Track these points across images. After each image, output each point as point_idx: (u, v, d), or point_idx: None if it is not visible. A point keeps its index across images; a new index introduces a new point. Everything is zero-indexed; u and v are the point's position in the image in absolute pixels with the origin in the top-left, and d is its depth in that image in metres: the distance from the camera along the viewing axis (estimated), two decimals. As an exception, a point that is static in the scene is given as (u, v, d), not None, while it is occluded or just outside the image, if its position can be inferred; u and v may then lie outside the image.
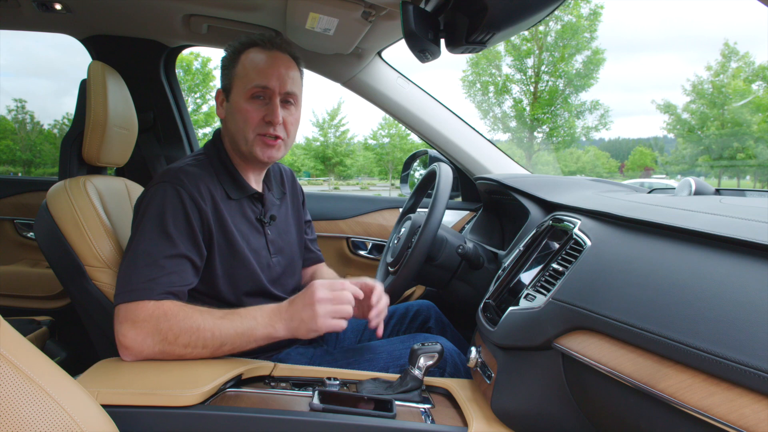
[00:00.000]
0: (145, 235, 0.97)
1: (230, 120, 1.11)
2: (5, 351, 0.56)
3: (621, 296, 0.62)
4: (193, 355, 0.91)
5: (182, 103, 2.01)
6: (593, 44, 19.65)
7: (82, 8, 1.61)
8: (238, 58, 1.09)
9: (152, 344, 0.89)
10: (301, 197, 1.37)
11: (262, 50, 1.09)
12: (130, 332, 0.89)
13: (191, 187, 1.02)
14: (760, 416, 0.44)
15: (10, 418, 0.53)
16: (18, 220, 2.06)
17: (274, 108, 1.06)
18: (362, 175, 27.49)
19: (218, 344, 0.91)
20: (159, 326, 0.89)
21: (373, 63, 1.74)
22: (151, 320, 0.90)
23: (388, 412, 0.82)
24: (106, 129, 1.17)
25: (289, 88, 1.08)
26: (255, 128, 1.07)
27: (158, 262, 0.95)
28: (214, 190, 1.07)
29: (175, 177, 1.03)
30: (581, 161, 24.89)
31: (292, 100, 1.11)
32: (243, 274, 1.10)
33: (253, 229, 1.14)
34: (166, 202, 1.00)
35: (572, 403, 0.69)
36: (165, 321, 0.90)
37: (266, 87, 1.06)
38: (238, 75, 1.09)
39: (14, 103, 21.23)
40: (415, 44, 0.93)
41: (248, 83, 1.06)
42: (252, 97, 1.07)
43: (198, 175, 1.05)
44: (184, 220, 1.00)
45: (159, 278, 0.94)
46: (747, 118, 18.24)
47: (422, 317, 1.36)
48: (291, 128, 1.11)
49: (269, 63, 1.07)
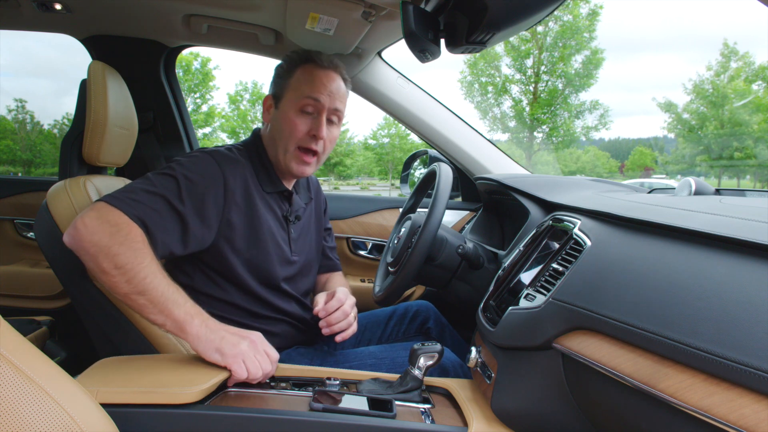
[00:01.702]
0: (165, 172, 1.02)
1: (275, 127, 1.16)
2: (5, 351, 0.56)
3: (621, 296, 0.62)
4: (114, 282, 0.87)
5: (182, 103, 2.01)
6: (592, 44, 19.67)
7: (82, 8, 1.61)
8: (294, 70, 1.15)
9: (96, 243, 0.86)
10: (324, 206, 1.41)
11: (318, 67, 1.15)
12: (92, 222, 0.88)
13: (227, 165, 1.07)
14: (760, 416, 0.44)
15: (10, 418, 0.53)
16: (18, 220, 2.06)
17: (320, 123, 1.13)
18: (362, 175, 27.49)
19: (139, 290, 0.87)
20: (114, 236, 0.87)
21: (373, 63, 1.74)
22: (113, 227, 0.88)
23: (388, 412, 0.82)
24: (106, 129, 1.17)
25: (338, 104, 1.15)
26: (298, 141, 1.13)
27: (155, 197, 0.97)
28: (249, 177, 1.12)
29: (214, 152, 1.09)
30: (581, 161, 24.90)
31: (336, 119, 1.17)
32: (261, 263, 1.12)
33: (278, 224, 1.18)
34: (199, 166, 1.04)
35: (572, 403, 0.69)
36: (121, 237, 0.88)
37: (317, 100, 1.12)
38: (291, 86, 1.15)
39: (14, 103, 21.26)
40: (415, 44, 0.93)
41: (301, 95, 1.12)
42: (301, 110, 1.13)
43: (236, 158, 1.11)
44: (203, 189, 1.02)
45: (146, 206, 0.94)
46: (746, 119, 18.24)
47: (421, 318, 1.37)
48: (329, 145, 1.18)
49: (323, 79, 1.14)
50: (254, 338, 0.91)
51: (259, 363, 0.88)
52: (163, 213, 0.97)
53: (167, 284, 0.89)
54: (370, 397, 0.87)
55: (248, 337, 0.90)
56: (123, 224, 0.89)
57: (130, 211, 0.91)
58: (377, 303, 1.24)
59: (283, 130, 1.13)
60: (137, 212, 0.92)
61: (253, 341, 0.90)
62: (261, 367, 0.87)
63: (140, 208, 0.93)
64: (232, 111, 23.43)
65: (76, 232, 0.88)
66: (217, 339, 0.87)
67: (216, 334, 0.88)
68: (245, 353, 0.87)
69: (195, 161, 1.05)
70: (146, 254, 0.89)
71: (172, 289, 0.89)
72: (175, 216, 0.98)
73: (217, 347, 0.86)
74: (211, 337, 0.87)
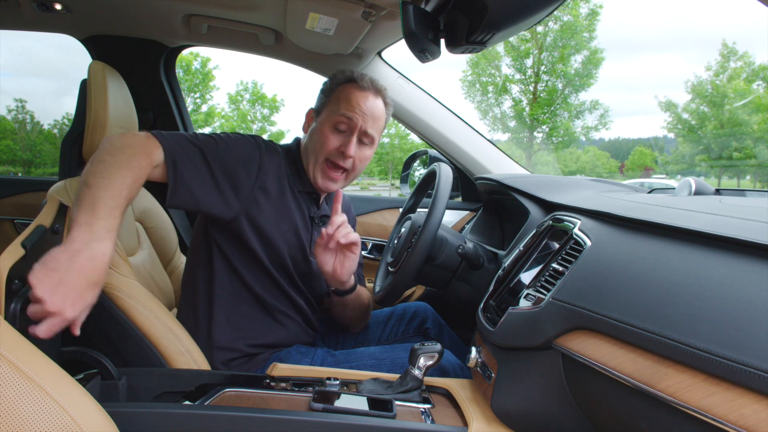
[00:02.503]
0: (208, 134, 1.09)
1: (311, 139, 1.21)
2: (5, 351, 0.56)
3: (621, 296, 0.62)
4: (90, 163, 0.91)
5: (182, 103, 2.01)
6: (592, 44, 19.67)
7: (82, 8, 1.61)
8: (336, 89, 1.20)
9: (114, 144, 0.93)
10: (353, 223, 1.42)
11: (358, 88, 1.18)
12: (133, 138, 0.97)
13: (266, 150, 1.14)
14: (760, 416, 0.44)
15: (10, 418, 0.53)
16: (18, 220, 2.06)
17: (350, 141, 1.16)
18: (362, 175, 27.45)
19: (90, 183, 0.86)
20: (136, 148, 0.95)
21: (373, 63, 1.74)
22: (142, 147, 0.96)
23: (388, 412, 0.82)
24: (107, 129, 1.17)
25: (368, 128, 1.18)
26: (327, 154, 1.17)
27: (194, 147, 1.04)
28: (283, 169, 1.17)
29: (257, 136, 1.17)
30: (581, 161, 24.89)
31: (368, 141, 1.20)
32: (279, 246, 1.15)
33: (304, 222, 1.20)
34: (240, 141, 1.12)
35: (572, 403, 0.69)
36: (143, 154, 0.95)
37: (350, 119, 1.16)
38: (330, 103, 1.20)
39: (14, 103, 21.24)
40: (415, 44, 0.93)
41: (336, 112, 1.17)
42: (335, 127, 1.17)
43: (276, 149, 1.18)
44: (238, 160, 1.08)
45: (183, 151, 1.02)
46: (745, 119, 18.24)
47: (419, 319, 1.37)
48: (359, 164, 1.21)
49: (359, 100, 1.17)
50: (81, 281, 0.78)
51: (64, 297, 0.75)
52: (196, 162, 1.03)
53: (108, 197, 0.85)
54: (370, 397, 0.87)
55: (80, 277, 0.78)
56: (153, 148, 0.97)
57: (167, 146, 0.99)
58: (377, 303, 1.24)
59: (316, 142, 1.18)
60: (173, 150, 1.00)
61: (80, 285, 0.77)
62: (60, 302, 0.74)
63: (177, 149, 1.01)
64: (232, 111, 23.44)
65: (111, 137, 0.96)
66: (69, 255, 0.77)
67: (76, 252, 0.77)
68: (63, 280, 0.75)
69: (238, 137, 1.13)
70: (130, 170, 0.91)
71: (103, 201, 0.84)
72: (207, 168, 1.04)
73: (55, 261, 0.76)
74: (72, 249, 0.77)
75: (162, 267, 1.49)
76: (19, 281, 0.76)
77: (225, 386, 0.90)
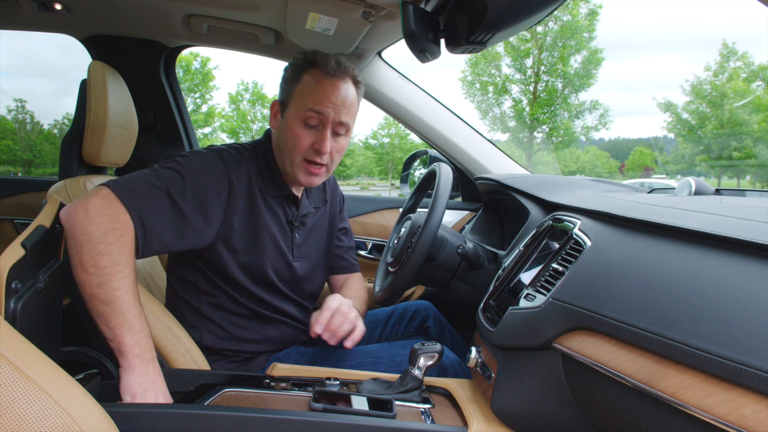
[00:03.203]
0: (171, 166, 1.00)
1: (281, 137, 1.13)
2: (5, 351, 0.56)
3: (621, 296, 0.62)
4: (86, 279, 0.84)
5: (182, 103, 2.01)
6: (592, 44, 19.68)
7: (82, 8, 1.61)
8: (300, 76, 1.10)
9: (89, 234, 0.85)
10: (340, 205, 1.38)
11: (324, 74, 1.08)
12: (94, 211, 0.86)
13: (233, 167, 1.06)
14: (760, 416, 0.44)
15: (10, 418, 0.53)
16: (18, 220, 2.06)
17: (324, 138, 1.08)
18: (362, 175, 27.48)
19: (106, 298, 0.85)
20: (107, 234, 0.86)
21: (373, 63, 1.74)
22: (111, 224, 0.87)
23: (389, 412, 0.82)
24: (106, 129, 1.17)
25: (342, 118, 1.09)
26: (303, 153, 1.09)
27: (158, 191, 0.95)
28: (254, 179, 1.10)
29: (222, 151, 1.08)
30: (581, 161, 24.90)
31: (343, 131, 1.12)
32: (258, 266, 1.11)
33: (281, 229, 1.16)
34: (206, 164, 1.03)
35: (572, 403, 0.69)
36: (114, 237, 0.86)
37: (321, 113, 1.07)
38: (296, 94, 1.10)
39: (14, 103, 21.26)
40: (415, 44, 0.93)
41: (304, 106, 1.08)
42: (305, 122, 1.08)
43: (241, 159, 1.09)
44: (207, 187, 1.01)
45: (147, 200, 0.93)
46: (745, 118, 18.24)
47: (420, 317, 1.37)
48: (336, 156, 1.14)
49: (328, 90, 1.08)
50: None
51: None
52: (164, 207, 0.96)
53: (133, 305, 0.87)
54: (370, 397, 0.87)
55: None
56: (121, 223, 0.88)
57: (132, 205, 0.90)
58: (377, 303, 1.24)
59: (288, 141, 1.10)
60: (138, 206, 0.91)
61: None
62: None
63: (142, 202, 0.92)
64: (233, 111, 23.45)
65: (76, 213, 0.86)
66: (143, 383, 0.84)
67: (147, 378, 0.85)
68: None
69: (203, 158, 1.04)
70: (128, 265, 0.88)
71: (135, 312, 0.87)
72: (176, 210, 0.97)
73: (134, 392, 0.83)
74: (141, 380, 0.84)
75: (162, 267, 1.49)
76: (18, 281, 0.76)
77: (225, 386, 0.90)
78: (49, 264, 0.91)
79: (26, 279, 0.79)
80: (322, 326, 1.00)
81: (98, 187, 0.92)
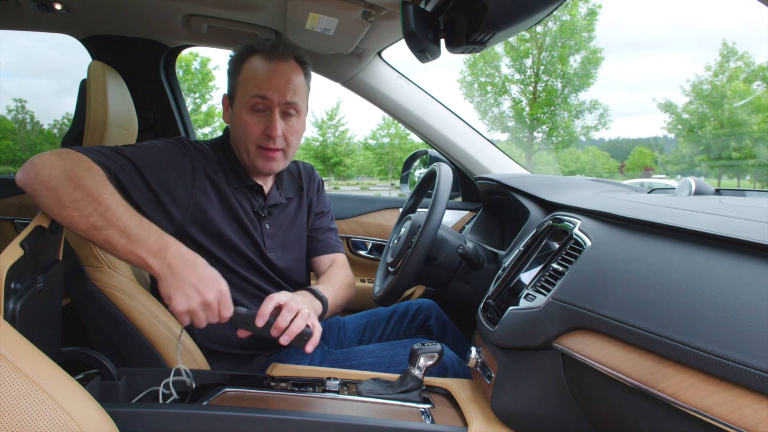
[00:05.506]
0: (133, 144, 1.03)
1: (234, 129, 1.13)
2: (5, 351, 0.56)
3: (621, 296, 0.62)
4: (75, 216, 0.82)
5: (182, 103, 2.01)
6: (591, 44, 19.68)
7: (82, 8, 1.61)
8: (241, 66, 1.10)
9: (56, 177, 0.82)
10: (319, 191, 1.35)
11: (263, 59, 1.08)
12: (50, 159, 0.85)
13: (195, 152, 1.09)
14: (760, 416, 0.44)
15: (10, 418, 0.53)
16: (18, 220, 2.06)
17: (273, 121, 1.07)
18: (362, 175, 27.47)
19: (99, 225, 0.82)
20: (76, 166, 0.85)
21: (373, 63, 1.74)
22: (75, 162, 0.86)
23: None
24: (106, 129, 1.17)
25: (289, 98, 1.08)
26: (255, 141, 1.09)
27: (120, 156, 0.96)
28: (217, 170, 1.11)
29: (183, 139, 1.11)
30: (581, 161, 24.91)
31: (293, 111, 1.11)
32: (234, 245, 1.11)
33: (249, 220, 1.15)
34: (167, 145, 1.06)
35: (572, 403, 0.69)
36: (83, 168, 0.85)
37: (265, 97, 1.07)
38: (240, 83, 1.10)
39: (14, 103, 21.26)
40: (415, 44, 0.93)
41: (248, 93, 1.08)
42: (252, 109, 1.08)
43: (203, 150, 1.12)
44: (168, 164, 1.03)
45: (110, 159, 0.94)
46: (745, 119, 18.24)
47: (422, 316, 1.37)
48: (291, 139, 1.12)
49: (269, 73, 1.07)
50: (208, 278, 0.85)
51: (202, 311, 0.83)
52: (132, 175, 0.95)
53: (130, 216, 0.85)
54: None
55: (205, 278, 0.84)
56: (85, 160, 0.87)
57: (94, 157, 0.90)
58: (377, 303, 1.24)
59: (240, 132, 1.10)
60: (101, 159, 0.91)
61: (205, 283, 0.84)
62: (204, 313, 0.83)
63: (104, 158, 0.92)
64: (232, 111, 23.41)
65: (32, 167, 0.83)
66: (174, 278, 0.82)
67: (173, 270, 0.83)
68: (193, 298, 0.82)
69: (163, 143, 1.06)
70: (107, 186, 0.86)
71: (135, 222, 0.85)
72: (141, 181, 0.97)
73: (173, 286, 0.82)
74: (168, 275, 0.83)
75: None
76: (17, 281, 0.76)
77: (225, 386, 0.90)
78: (48, 264, 0.91)
79: (25, 279, 0.79)
80: (262, 321, 0.89)
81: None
